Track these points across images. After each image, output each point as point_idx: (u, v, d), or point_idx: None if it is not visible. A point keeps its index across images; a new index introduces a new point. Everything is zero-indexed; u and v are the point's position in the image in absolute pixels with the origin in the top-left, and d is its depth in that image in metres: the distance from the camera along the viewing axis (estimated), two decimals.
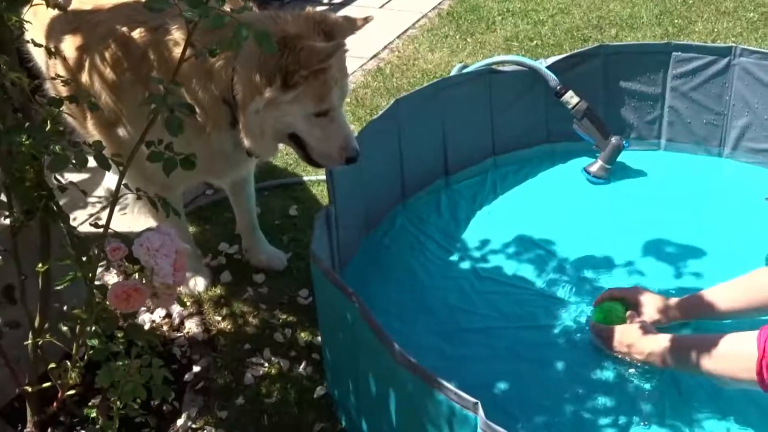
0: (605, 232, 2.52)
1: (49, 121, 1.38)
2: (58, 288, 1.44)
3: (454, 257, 2.47)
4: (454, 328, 2.19)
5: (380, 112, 2.51)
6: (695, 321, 2.10)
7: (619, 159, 2.78)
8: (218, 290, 2.38)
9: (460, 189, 2.76)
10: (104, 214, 2.15)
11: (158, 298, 1.37)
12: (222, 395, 2.01)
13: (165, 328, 2.24)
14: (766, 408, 1.84)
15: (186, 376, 2.05)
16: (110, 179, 2.77)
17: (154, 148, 1.37)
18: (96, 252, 1.42)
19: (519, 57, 2.93)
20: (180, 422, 1.92)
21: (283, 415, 1.96)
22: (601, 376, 2.01)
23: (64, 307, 1.74)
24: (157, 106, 1.32)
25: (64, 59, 1.93)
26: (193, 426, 1.92)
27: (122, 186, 1.43)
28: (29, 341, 1.59)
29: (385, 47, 4.03)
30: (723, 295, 2.03)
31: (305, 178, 2.90)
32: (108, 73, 1.88)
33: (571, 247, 2.45)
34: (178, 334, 2.21)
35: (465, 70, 2.87)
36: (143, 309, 2.24)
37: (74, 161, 1.34)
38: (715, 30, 4.02)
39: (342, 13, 3.91)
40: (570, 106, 2.78)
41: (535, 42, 4.00)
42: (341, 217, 2.15)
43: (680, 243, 2.45)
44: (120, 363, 1.41)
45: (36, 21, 1.89)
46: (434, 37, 4.11)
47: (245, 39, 1.22)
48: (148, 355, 1.45)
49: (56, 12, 1.63)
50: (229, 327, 2.24)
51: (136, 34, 1.84)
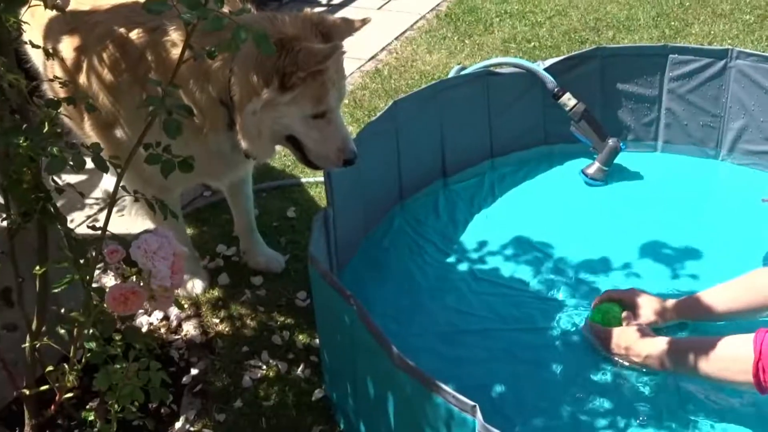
0: (602, 234, 2.52)
1: (46, 123, 1.38)
2: (56, 290, 1.44)
3: (452, 259, 2.47)
4: (452, 330, 2.20)
5: (378, 114, 2.52)
6: (692, 322, 2.11)
7: (617, 161, 2.79)
8: (216, 292, 2.37)
9: (458, 191, 2.76)
10: (102, 216, 2.15)
11: (156, 301, 1.37)
12: (220, 398, 2.01)
13: (163, 330, 2.24)
14: (763, 409, 1.84)
15: (184, 379, 2.05)
16: (108, 181, 2.77)
17: (152, 150, 1.36)
18: (93, 254, 1.42)
19: (517, 59, 2.93)
20: (178, 425, 1.91)
21: (282, 418, 1.96)
22: (598, 378, 2.01)
23: (62, 310, 1.73)
24: (155, 108, 1.32)
25: (62, 60, 1.93)
26: (191, 429, 1.91)
27: (120, 188, 1.43)
28: (27, 344, 1.59)
29: (383, 49, 4.03)
30: (720, 297, 2.03)
31: (303, 180, 2.90)
32: (106, 74, 1.88)
33: (569, 249, 2.45)
34: (176, 337, 2.21)
35: (463, 72, 2.88)
36: (141, 311, 2.23)
37: (72, 163, 1.33)
38: (712, 32, 4.03)
39: (340, 14, 3.91)
40: (567, 108, 2.78)
41: (532, 44, 4.00)
42: (339, 219, 2.14)
43: (677, 245, 2.45)
44: (118, 366, 1.41)
45: (34, 22, 1.89)
46: (432, 39, 4.11)
47: (244, 41, 1.22)
48: (145, 357, 1.45)
49: (54, 13, 1.63)
50: (226, 329, 2.24)
51: (134, 35, 1.84)
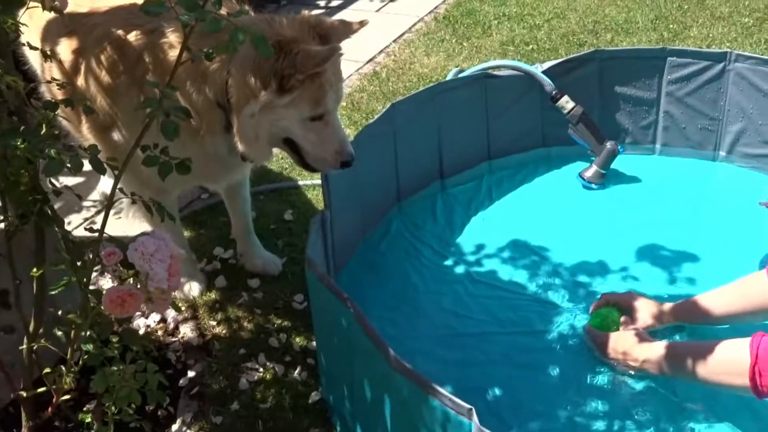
0: (600, 237, 2.52)
1: (44, 125, 1.38)
2: (53, 293, 1.43)
3: (449, 262, 2.47)
4: (449, 332, 2.20)
5: (376, 116, 2.51)
6: (689, 325, 2.11)
7: (614, 164, 2.79)
8: (213, 295, 2.37)
9: (455, 194, 2.77)
10: (99, 219, 2.15)
11: (153, 303, 1.36)
12: (217, 400, 2.01)
13: (160, 333, 2.23)
14: (760, 413, 1.84)
15: (181, 381, 2.05)
16: (105, 183, 2.77)
17: (150, 152, 1.36)
18: (91, 256, 1.42)
19: (515, 62, 2.93)
20: (175, 427, 1.91)
21: (278, 421, 1.96)
22: (595, 381, 2.01)
23: (59, 312, 1.73)
24: (153, 110, 1.31)
25: (60, 62, 1.93)
26: (188, 431, 1.91)
27: (117, 190, 1.42)
28: (24, 346, 1.58)
29: (381, 51, 4.03)
30: (717, 300, 2.03)
31: (300, 183, 2.90)
32: (103, 76, 1.88)
33: (566, 252, 2.46)
34: (173, 339, 2.21)
35: (461, 75, 2.88)
36: (138, 314, 2.24)
37: (69, 165, 1.33)
38: (710, 35, 4.03)
39: (338, 17, 3.90)
40: (565, 111, 2.78)
41: (530, 46, 4.01)
42: (336, 221, 2.14)
43: (675, 248, 2.45)
44: (115, 368, 1.41)
45: (32, 24, 1.89)
46: (430, 41, 4.11)
47: (242, 43, 1.22)
48: (142, 360, 1.45)
49: (52, 15, 1.63)
50: (224, 332, 2.24)
51: (132, 37, 1.84)
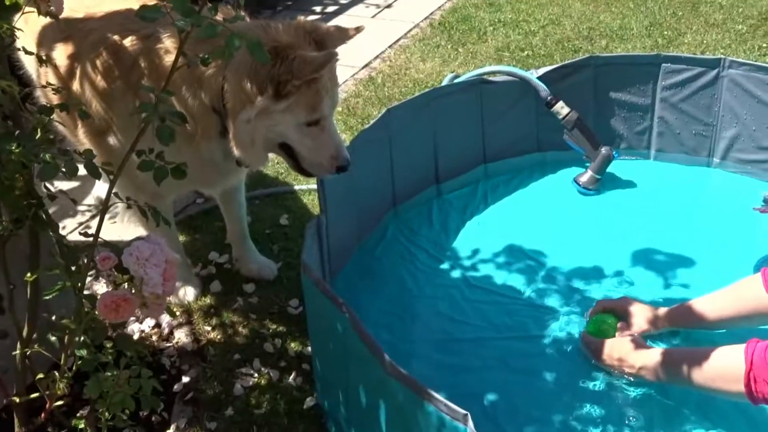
0: (595, 242, 2.53)
1: (39, 130, 1.37)
2: (47, 297, 1.43)
3: (445, 267, 2.47)
4: (445, 337, 2.19)
5: (372, 122, 2.52)
6: (684, 330, 2.11)
7: (609, 169, 2.80)
8: (208, 300, 2.37)
9: (450, 199, 2.77)
10: (94, 223, 2.14)
11: (147, 308, 1.36)
12: (211, 406, 2.00)
13: (154, 338, 2.23)
14: (755, 418, 1.84)
15: (175, 387, 2.04)
16: (100, 188, 2.76)
17: (145, 157, 1.36)
18: (85, 261, 1.41)
19: (510, 67, 2.94)
20: None
21: (273, 426, 1.95)
22: (590, 386, 2.01)
23: (53, 317, 1.73)
24: (149, 114, 1.31)
25: (55, 67, 1.93)
26: None
27: (112, 195, 1.42)
28: (17, 351, 1.58)
29: (377, 57, 4.04)
30: (711, 305, 2.04)
31: (296, 188, 2.90)
32: (99, 81, 1.88)
33: (561, 257, 2.46)
34: (168, 344, 2.20)
35: (456, 80, 2.89)
36: (132, 319, 2.23)
37: (64, 169, 1.33)
38: (704, 42, 4.05)
39: (334, 22, 3.92)
40: (560, 117, 2.79)
41: (526, 52, 4.02)
42: (332, 226, 2.14)
43: (669, 253, 2.46)
44: (109, 373, 1.40)
45: (27, 29, 1.89)
46: (426, 47, 4.12)
47: (238, 48, 1.22)
48: (137, 365, 1.44)
49: (48, 20, 1.63)
50: (218, 337, 2.23)
51: (128, 42, 1.84)
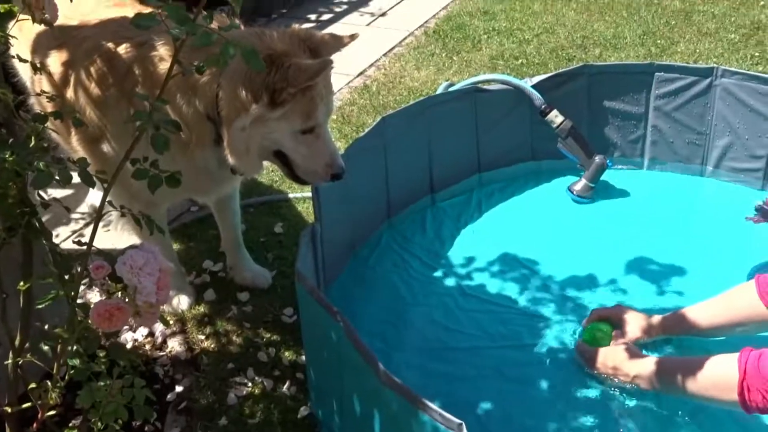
0: (589, 251, 2.53)
1: (33, 137, 1.37)
2: (40, 306, 1.42)
3: (439, 274, 2.47)
4: (439, 346, 2.19)
5: (366, 130, 2.52)
6: (678, 338, 2.12)
7: (603, 178, 2.81)
8: (202, 308, 2.36)
9: (445, 207, 2.77)
10: (87, 231, 2.13)
11: (141, 317, 1.35)
12: (205, 415, 1.99)
13: (147, 347, 2.22)
14: (748, 426, 1.84)
15: (168, 396, 2.03)
16: (94, 196, 2.75)
17: (139, 165, 1.36)
18: (79, 270, 1.41)
19: (504, 76, 2.95)
20: None
21: None
22: (584, 394, 2.01)
23: (46, 326, 1.72)
24: (143, 123, 1.31)
25: (50, 75, 1.92)
26: None
27: (106, 203, 1.42)
28: (9, 361, 1.56)
29: (372, 65, 4.05)
30: (705, 312, 2.05)
31: (291, 196, 2.89)
32: (93, 88, 1.87)
33: (555, 266, 2.46)
34: (161, 353, 2.19)
35: (451, 89, 2.89)
36: (126, 328, 2.22)
37: (58, 177, 1.32)
38: (697, 51, 4.08)
39: (328, 30, 3.92)
40: (555, 125, 2.80)
41: (520, 61, 4.03)
42: (327, 234, 2.14)
43: (663, 261, 2.47)
44: (101, 383, 1.39)
45: (22, 36, 1.88)
46: (421, 55, 4.13)
47: (232, 57, 1.22)
48: (130, 374, 1.43)
49: (42, 27, 1.62)
50: (212, 346, 2.22)
51: (122, 49, 1.84)
